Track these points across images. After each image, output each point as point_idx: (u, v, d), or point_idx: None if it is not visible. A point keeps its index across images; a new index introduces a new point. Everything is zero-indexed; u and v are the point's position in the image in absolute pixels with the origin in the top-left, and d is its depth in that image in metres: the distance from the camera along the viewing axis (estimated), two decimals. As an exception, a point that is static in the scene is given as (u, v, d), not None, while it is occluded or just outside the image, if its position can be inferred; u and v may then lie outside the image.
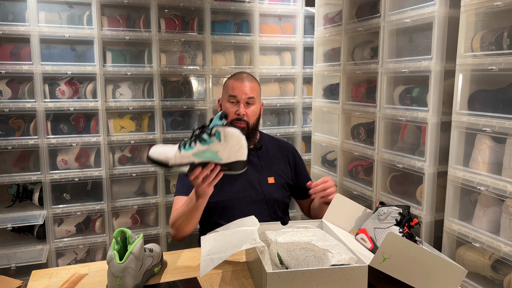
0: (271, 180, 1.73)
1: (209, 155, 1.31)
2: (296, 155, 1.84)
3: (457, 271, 1.08)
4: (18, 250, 2.45)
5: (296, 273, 1.04)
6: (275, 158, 1.78)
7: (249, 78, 1.72)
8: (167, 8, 2.70)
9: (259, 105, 1.74)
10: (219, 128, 1.31)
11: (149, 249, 1.26)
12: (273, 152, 1.79)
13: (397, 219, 1.34)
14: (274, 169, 1.75)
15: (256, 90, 1.71)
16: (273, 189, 1.72)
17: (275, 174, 1.74)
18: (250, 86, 1.68)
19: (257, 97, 1.72)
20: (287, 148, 1.82)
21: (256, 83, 1.73)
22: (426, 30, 1.89)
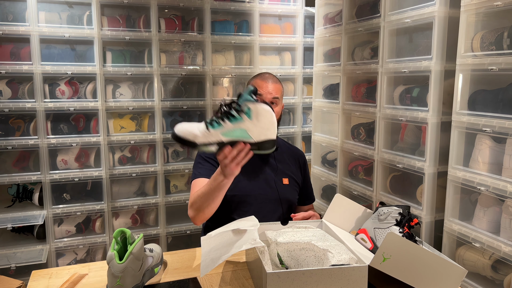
0: (285, 181, 1.77)
1: (238, 134, 1.22)
2: (306, 163, 1.90)
3: (457, 271, 1.08)
4: (18, 250, 2.44)
5: (296, 273, 1.04)
6: (289, 161, 1.83)
7: (274, 79, 1.76)
8: (167, 8, 2.70)
9: (281, 106, 1.77)
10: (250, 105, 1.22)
11: (149, 249, 1.26)
12: (287, 155, 1.84)
13: (397, 219, 1.34)
14: (288, 171, 1.80)
15: (280, 91, 1.75)
16: (287, 189, 1.77)
17: (289, 176, 1.79)
18: (275, 87, 1.73)
19: (280, 98, 1.76)
20: (299, 154, 1.89)
21: (280, 85, 1.77)
22: (426, 30, 1.89)
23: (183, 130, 1.21)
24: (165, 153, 2.75)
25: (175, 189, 2.82)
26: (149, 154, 2.73)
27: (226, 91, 2.90)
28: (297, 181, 1.83)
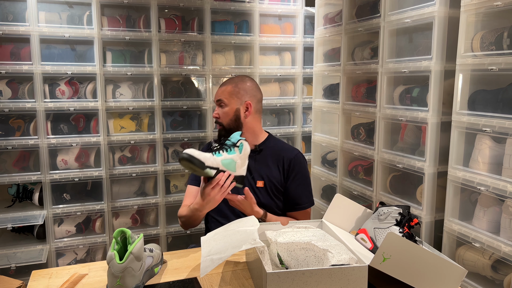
0: (260, 183, 1.73)
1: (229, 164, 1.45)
2: (293, 165, 1.74)
3: (457, 271, 1.08)
4: (18, 250, 2.44)
5: (296, 273, 1.04)
6: (270, 163, 1.75)
7: (226, 82, 1.77)
8: (167, 8, 2.70)
9: (234, 106, 1.73)
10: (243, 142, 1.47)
11: (149, 249, 1.26)
12: (270, 156, 1.76)
13: (397, 219, 1.34)
14: (265, 174, 1.74)
15: (226, 92, 1.74)
16: (261, 192, 1.72)
17: (265, 178, 1.73)
18: (222, 89, 1.75)
19: (229, 98, 1.73)
20: (285, 156, 1.76)
21: (229, 86, 1.74)
22: (426, 30, 1.89)
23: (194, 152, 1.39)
24: (165, 153, 2.76)
25: (175, 189, 2.82)
26: (149, 154, 2.73)
27: (226, 91, 2.90)
28: (276, 185, 1.73)
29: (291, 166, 1.74)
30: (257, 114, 1.79)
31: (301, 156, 1.80)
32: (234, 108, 1.73)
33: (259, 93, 1.82)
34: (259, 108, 1.80)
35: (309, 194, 1.79)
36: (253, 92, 1.77)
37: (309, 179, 1.82)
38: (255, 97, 1.77)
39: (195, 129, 2.82)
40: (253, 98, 1.76)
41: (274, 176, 1.74)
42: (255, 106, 1.76)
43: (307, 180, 1.80)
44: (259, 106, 1.80)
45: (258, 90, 1.81)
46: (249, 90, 1.76)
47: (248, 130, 1.76)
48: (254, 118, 1.77)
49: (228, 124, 1.74)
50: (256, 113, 1.78)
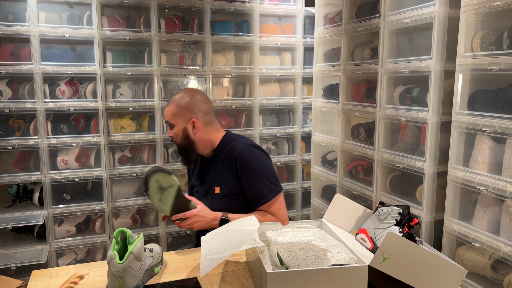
0: (217, 190, 1.70)
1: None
2: (239, 162, 1.65)
3: (457, 271, 1.09)
4: (18, 250, 2.45)
5: (296, 273, 1.04)
6: (224, 167, 1.70)
7: (169, 101, 1.72)
8: (167, 8, 2.70)
9: (181, 126, 1.68)
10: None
11: (149, 249, 1.26)
12: (223, 159, 1.71)
13: (397, 219, 1.34)
14: (220, 179, 1.70)
15: (170, 113, 1.68)
16: (218, 199, 1.70)
17: (221, 183, 1.70)
18: (166, 111, 1.71)
19: (174, 119, 1.68)
20: (232, 156, 1.67)
21: (171, 106, 1.68)
22: (426, 30, 1.89)
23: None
24: (165, 153, 2.76)
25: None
26: (149, 154, 2.73)
27: (226, 91, 2.90)
28: (231, 186, 1.67)
29: (237, 164, 1.65)
30: (208, 126, 1.71)
31: (247, 149, 1.67)
32: (181, 128, 1.68)
33: (205, 104, 1.71)
34: (208, 120, 1.71)
35: (269, 184, 1.65)
36: (195, 107, 1.68)
37: (264, 168, 1.67)
38: (199, 111, 1.68)
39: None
40: (197, 113, 1.68)
41: (227, 179, 1.68)
42: (202, 121, 1.69)
43: (261, 172, 1.66)
44: (207, 117, 1.71)
45: (202, 102, 1.71)
46: (191, 106, 1.67)
47: (202, 144, 1.72)
48: (205, 131, 1.70)
49: (181, 143, 1.71)
50: (206, 125, 1.70)
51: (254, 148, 1.70)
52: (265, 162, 1.70)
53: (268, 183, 1.66)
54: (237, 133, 1.83)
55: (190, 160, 1.74)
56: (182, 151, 1.73)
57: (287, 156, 3.07)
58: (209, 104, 1.75)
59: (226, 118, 2.91)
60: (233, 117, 2.93)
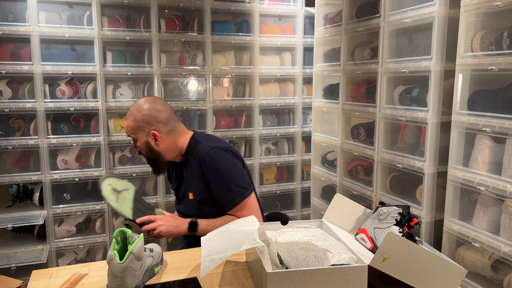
0: (191, 195, 1.68)
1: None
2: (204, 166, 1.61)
3: (457, 271, 1.09)
4: (18, 250, 2.45)
5: (296, 273, 1.04)
6: (192, 172, 1.66)
7: (127, 115, 1.66)
8: (167, 8, 2.70)
9: (142, 139, 1.63)
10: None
11: (149, 249, 1.26)
12: (192, 165, 1.67)
13: (397, 219, 1.34)
14: (191, 184, 1.68)
15: (130, 128, 1.64)
16: (192, 205, 1.69)
17: (193, 189, 1.67)
18: (126, 125, 1.66)
19: (135, 133, 1.63)
20: (196, 159, 1.64)
21: (129, 121, 1.63)
22: (426, 30, 1.89)
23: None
24: (165, 153, 2.75)
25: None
26: (149, 154, 2.73)
27: (226, 91, 2.90)
28: (201, 191, 1.64)
29: (202, 168, 1.61)
30: (171, 133, 1.65)
31: (211, 153, 1.60)
32: (143, 141, 1.64)
33: (163, 113, 1.64)
34: (171, 128, 1.65)
35: (235, 188, 1.59)
36: (153, 119, 1.61)
37: (230, 171, 1.61)
38: (158, 121, 1.62)
39: (195, 129, 2.81)
40: (156, 124, 1.62)
41: (197, 185, 1.66)
42: (164, 130, 1.63)
43: (226, 175, 1.60)
44: (169, 126, 1.65)
45: (160, 112, 1.63)
46: (148, 118, 1.61)
47: (169, 152, 1.68)
48: (169, 140, 1.65)
49: (147, 156, 1.68)
50: (170, 134, 1.65)
51: (219, 150, 1.62)
52: (231, 164, 1.62)
53: (235, 186, 1.59)
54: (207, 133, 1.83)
55: (160, 170, 1.73)
56: (150, 163, 1.72)
57: (287, 156, 3.08)
58: (168, 111, 1.66)
59: (226, 118, 2.91)
60: (233, 117, 2.93)
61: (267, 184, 3.05)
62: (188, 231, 1.59)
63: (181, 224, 1.59)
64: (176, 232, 1.58)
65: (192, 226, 1.59)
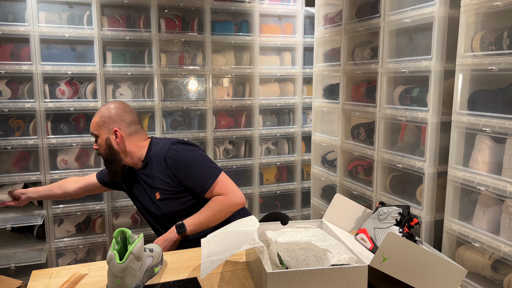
0: (157, 195, 1.72)
1: None
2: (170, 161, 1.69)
3: (457, 271, 1.09)
4: (18, 250, 2.44)
5: (296, 273, 1.04)
6: (156, 171, 1.72)
7: (95, 114, 1.78)
8: (167, 8, 2.70)
9: (104, 136, 1.74)
10: None
11: (149, 249, 1.26)
12: (155, 165, 1.73)
13: (397, 219, 1.34)
14: (157, 184, 1.72)
15: (94, 124, 1.76)
16: (161, 203, 1.73)
17: (159, 188, 1.72)
18: (91, 122, 1.78)
19: (98, 129, 1.75)
20: (160, 157, 1.72)
21: (96, 117, 1.76)
22: (426, 30, 1.89)
23: None
24: (165, 153, 2.75)
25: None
26: (149, 154, 2.72)
27: (226, 91, 2.90)
28: (170, 187, 1.70)
29: (169, 163, 1.69)
30: (132, 136, 1.77)
31: (173, 147, 1.71)
32: (104, 138, 1.74)
33: (129, 115, 1.78)
34: (132, 130, 1.77)
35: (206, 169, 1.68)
36: (119, 117, 1.75)
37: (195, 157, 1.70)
38: (123, 121, 1.75)
39: (195, 129, 2.82)
40: (120, 123, 1.74)
41: (163, 182, 1.70)
42: (126, 131, 1.75)
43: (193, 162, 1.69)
44: (131, 128, 1.77)
45: (126, 113, 1.78)
46: (114, 116, 1.74)
47: (127, 155, 1.76)
48: (129, 141, 1.76)
49: (105, 154, 1.76)
50: (131, 135, 1.76)
51: (179, 143, 1.74)
52: (193, 151, 1.73)
53: (205, 168, 1.68)
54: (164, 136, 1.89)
55: (116, 171, 1.77)
56: (107, 163, 1.77)
57: (287, 156, 3.08)
58: (134, 115, 1.81)
59: (226, 118, 2.91)
60: (233, 117, 2.93)
61: (267, 184, 3.05)
62: (178, 234, 1.62)
63: (169, 233, 1.64)
64: (170, 243, 1.62)
65: (179, 227, 1.63)
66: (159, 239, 1.65)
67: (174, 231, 1.63)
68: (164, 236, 1.65)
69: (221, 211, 1.65)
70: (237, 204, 1.67)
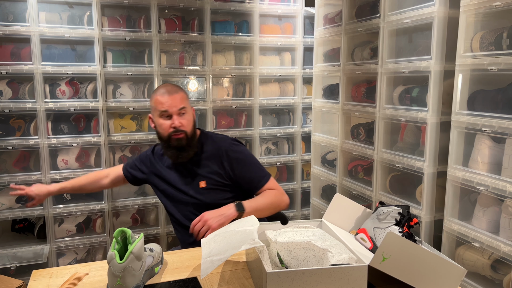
0: (202, 184, 1.70)
1: None
2: (230, 154, 1.71)
3: (457, 271, 1.09)
4: (18, 250, 2.45)
5: (296, 273, 1.05)
6: (208, 160, 1.72)
7: (174, 89, 1.69)
8: (167, 9, 2.70)
9: (191, 112, 1.71)
10: None
11: (150, 248, 1.26)
12: (207, 153, 1.73)
13: (396, 219, 1.34)
14: (205, 173, 1.71)
15: (184, 99, 1.68)
16: (204, 193, 1.70)
17: (207, 177, 1.70)
18: (179, 97, 1.66)
19: (188, 105, 1.70)
20: (219, 149, 1.72)
21: (182, 92, 1.69)
22: (426, 30, 1.89)
23: None
24: (165, 153, 2.75)
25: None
26: (149, 154, 2.73)
27: (226, 91, 2.91)
28: (220, 179, 1.71)
29: (231, 156, 1.71)
30: None
31: (235, 144, 1.76)
32: (192, 113, 1.72)
33: None
34: None
35: (260, 170, 1.74)
36: None
37: (252, 157, 1.77)
38: None
39: (195, 129, 2.82)
40: None
41: (215, 171, 1.71)
42: None
43: (251, 159, 1.75)
44: None
45: None
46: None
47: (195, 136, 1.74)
48: None
49: (190, 131, 1.69)
50: None
51: (237, 142, 1.79)
52: (249, 152, 1.81)
53: (261, 166, 1.76)
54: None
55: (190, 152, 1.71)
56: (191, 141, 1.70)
57: (287, 156, 3.08)
58: None
59: (226, 118, 2.91)
60: (233, 117, 2.93)
61: (267, 184, 3.05)
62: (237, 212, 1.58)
63: (227, 210, 1.58)
64: (227, 219, 1.56)
65: (238, 206, 1.59)
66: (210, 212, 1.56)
67: (233, 208, 1.58)
68: (219, 210, 1.57)
69: (274, 203, 1.68)
70: (285, 204, 1.72)
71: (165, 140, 1.69)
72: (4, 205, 2.44)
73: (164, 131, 1.67)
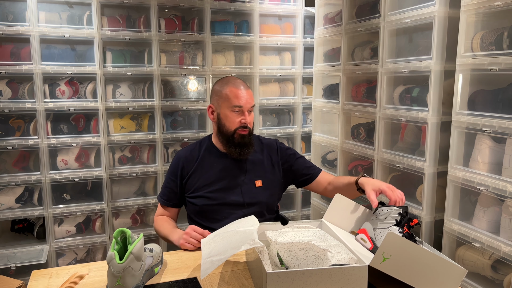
0: (258, 183, 1.73)
1: None
2: (281, 150, 1.81)
3: (457, 271, 1.09)
4: (18, 250, 2.45)
5: (296, 273, 1.04)
6: (261, 159, 1.76)
7: (246, 85, 1.71)
8: (167, 8, 2.70)
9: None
10: None
11: (149, 249, 1.26)
12: (259, 153, 1.77)
13: (397, 219, 1.34)
14: (261, 172, 1.74)
15: (252, 96, 1.71)
16: (260, 192, 1.72)
17: (262, 176, 1.74)
18: (249, 94, 1.68)
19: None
20: (270, 147, 1.80)
21: (249, 90, 1.71)
22: (426, 30, 1.89)
23: None
24: (165, 153, 2.76)
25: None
26: (149, 154, 2.73)
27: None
28: (275, 178, 1.76)
29: (281, 153, 1.80)
30: None
31: (280, 142, 1.88)
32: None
33: None
34: None
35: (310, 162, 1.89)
36: None
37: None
38: None
39: (195, 129, 2.82)
40: None
41: (270, 171, 1.77)
42: None
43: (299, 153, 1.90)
44: None
45: None
46: None
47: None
48: None
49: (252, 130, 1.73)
50: None
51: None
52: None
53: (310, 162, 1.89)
54: None
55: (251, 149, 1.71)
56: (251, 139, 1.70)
57: (287, 156, 3.07)
58: None
59: (226, 118, 2.91)
60: (233, 117, 2.93)
61: (267, 184, 3.05)
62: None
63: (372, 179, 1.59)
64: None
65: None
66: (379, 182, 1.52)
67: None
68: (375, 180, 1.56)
69: None
70: None
71: (229, 134, 1.67)
72: (4, 205, 2.44)
73: (232, 125, 1.66)
